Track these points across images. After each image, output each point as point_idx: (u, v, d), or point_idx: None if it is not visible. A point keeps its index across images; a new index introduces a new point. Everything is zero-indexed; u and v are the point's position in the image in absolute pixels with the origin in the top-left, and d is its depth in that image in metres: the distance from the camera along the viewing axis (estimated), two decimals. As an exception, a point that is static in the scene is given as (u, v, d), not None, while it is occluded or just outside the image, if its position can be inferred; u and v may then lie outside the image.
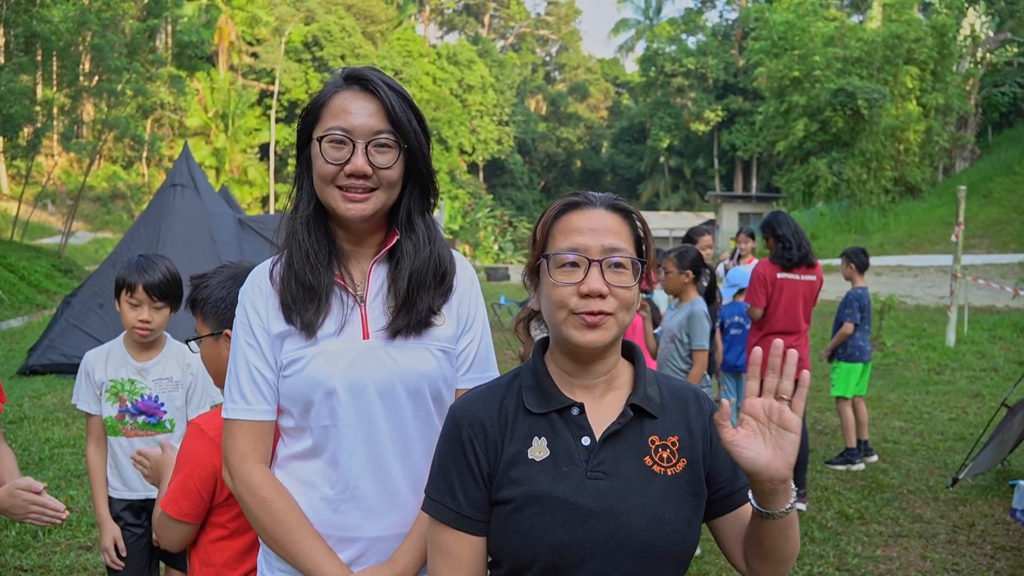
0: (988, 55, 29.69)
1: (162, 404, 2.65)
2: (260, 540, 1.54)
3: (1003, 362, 10.22)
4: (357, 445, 1.48)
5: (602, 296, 1.24)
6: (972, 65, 29.67)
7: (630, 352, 1.39)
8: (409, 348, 1.51)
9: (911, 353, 10.90)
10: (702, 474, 1.31)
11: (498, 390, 1.36)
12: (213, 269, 1.93)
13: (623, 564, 1.22)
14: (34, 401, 7.66)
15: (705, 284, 4.86)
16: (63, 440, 6.29)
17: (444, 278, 1.56)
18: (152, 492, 2.55)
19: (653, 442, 1.29)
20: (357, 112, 1.46)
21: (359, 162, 1.44)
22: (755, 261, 7.35)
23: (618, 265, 1.26)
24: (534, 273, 1.35)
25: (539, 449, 1.27)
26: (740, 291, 6.32)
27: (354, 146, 1.45)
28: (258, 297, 1.53)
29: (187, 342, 2.00)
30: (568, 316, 1.25)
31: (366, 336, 1.50)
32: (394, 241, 1.54)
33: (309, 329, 1.48)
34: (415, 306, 1.51)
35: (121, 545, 2.63)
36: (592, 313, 1.23)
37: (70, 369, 8.63)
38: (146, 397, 2.64)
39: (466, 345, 1.59)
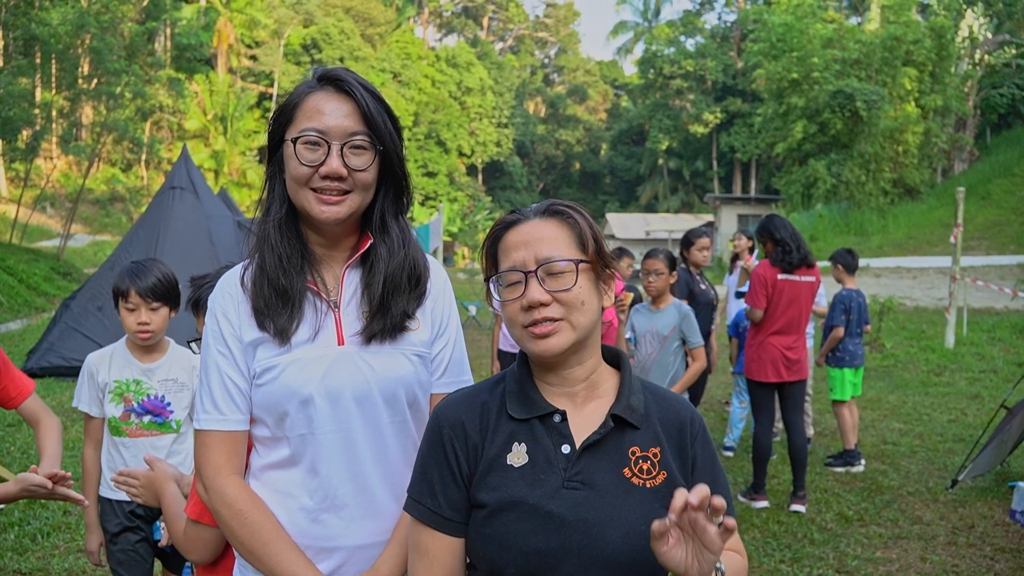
0: (986, 57, 29.69)
1: (168, 404, 2.65)
2: (235, 554, 1.50)
3: (1002, 363, 10.22)
4: (335, 453, 1.45)
5: (544, 304, 1.26)
6: (970, 67, 29.68)
7: (617, 360, 1.39)
8: (385, 353, 1.48)
9: (910, 355, 10.91)
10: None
11: (481, 393, 1.36)
12: (215, 270, 1.90)
13: (597, 574, 1.22)
14: (32, 404, 7.63)
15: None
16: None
17: (419, 282, 1.54)
18: None
19: (633, 453, 1.29)
20: (332, 113, 1.42)
21: (334, 164, 1.41)
22: (753, 260, 7.33)
23: (554, 272, 1.27)
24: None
25: (518, 455, 1.28)
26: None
27: (329, 147, 1.41)
28: (229, 304, 1.48)
29: (189, 343, 1.99)
30: (523, 331, 1.29)
31: (341, 342, 1.47)
32: (367, 245, 1.51)
33: (283, 335, 1.44)
34: (390, 310, 1.48)
35: (100, 557, 2.67)
36: (538, 323, 1.26)
37: (69, 372, 8.62)
38: (152, 397, 2.63)
39: (440, 349, 1.57)
